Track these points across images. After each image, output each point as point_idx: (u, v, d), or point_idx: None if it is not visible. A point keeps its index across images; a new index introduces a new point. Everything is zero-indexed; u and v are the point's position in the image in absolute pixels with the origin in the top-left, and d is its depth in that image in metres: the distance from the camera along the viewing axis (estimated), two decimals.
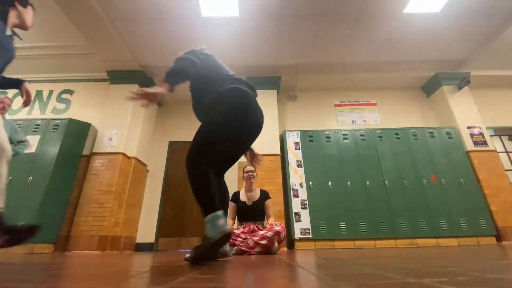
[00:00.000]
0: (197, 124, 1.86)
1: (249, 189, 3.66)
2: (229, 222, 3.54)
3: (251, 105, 1.87)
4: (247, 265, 1.43)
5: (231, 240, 3.17)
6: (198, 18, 4.78)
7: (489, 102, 6.59)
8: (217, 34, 5.14)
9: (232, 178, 5.77)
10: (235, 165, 5.59)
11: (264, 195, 3.66)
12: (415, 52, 5.81)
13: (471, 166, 5.40)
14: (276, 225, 3.23)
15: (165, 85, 1.73)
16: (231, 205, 3.62)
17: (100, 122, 5.58)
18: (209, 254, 1.58)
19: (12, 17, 2.03)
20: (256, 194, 3.65)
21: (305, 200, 5.05)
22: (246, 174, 3.68)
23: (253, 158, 2.29)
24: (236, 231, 3.27)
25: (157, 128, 6.67)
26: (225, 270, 1.19)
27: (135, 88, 5.76)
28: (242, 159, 2.32)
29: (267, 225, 3.32)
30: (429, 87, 6.65)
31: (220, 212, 1.58)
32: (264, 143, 5.55)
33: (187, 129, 6.45)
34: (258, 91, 2.06)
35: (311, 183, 5.18)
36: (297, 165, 5.37)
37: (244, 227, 3.41)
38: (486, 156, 5.53)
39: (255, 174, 3.69)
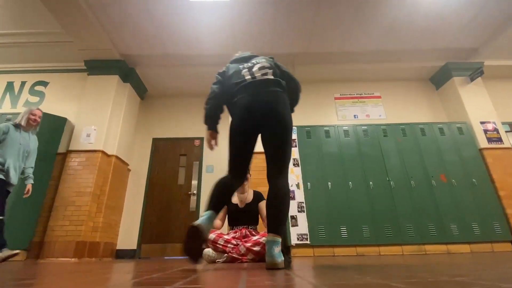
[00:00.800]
0: (183, 119, 1.86)
1: (241, 191, 3.64)
2: (217, 223, 3.51)
3: (247, 107, 2.01)
4: (238, 274, 1.42)
5: (221, 246, 3.17)
6: (185, 2, 4.72)
7: (505, 95, 6.63)
8: (205, 20, 5.09)
9: None
10: None
11: (258, 197, 3.64)
12: (423, 40, 5.80)
13: (484, 165, 5.41)
14: None
15: (208, 131, 2.18)
16: None
17: (77, 116, 5.55)
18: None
19: None
20: (249, 196, 3.64)
21: (302, 202, 5.06)
22: None
23: None
24: (227, 237, 3.26)
25: (139, 123, 6.64)
26: (215, 279, 1.20)
27: (115, 79, 5.74)
28: None
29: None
30: (439, 79, 6.67)
31: (207, 212, 1.83)
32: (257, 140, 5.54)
33: (172, 125, 6.46)
34: None
35: (309, 183, 5.19)
36: (294, 164, 5.37)
37: (236, 232, 3.39)
38: (501, 154, 5.54)
39: (248, 175, 3.67)
